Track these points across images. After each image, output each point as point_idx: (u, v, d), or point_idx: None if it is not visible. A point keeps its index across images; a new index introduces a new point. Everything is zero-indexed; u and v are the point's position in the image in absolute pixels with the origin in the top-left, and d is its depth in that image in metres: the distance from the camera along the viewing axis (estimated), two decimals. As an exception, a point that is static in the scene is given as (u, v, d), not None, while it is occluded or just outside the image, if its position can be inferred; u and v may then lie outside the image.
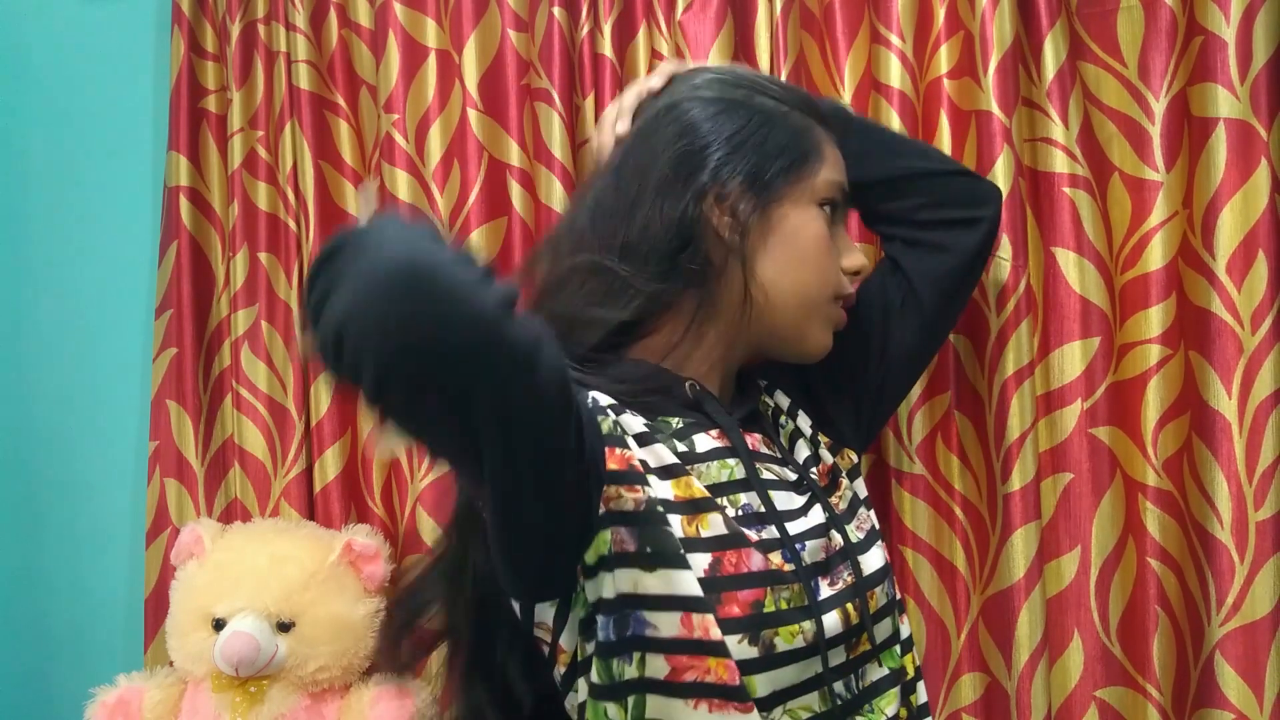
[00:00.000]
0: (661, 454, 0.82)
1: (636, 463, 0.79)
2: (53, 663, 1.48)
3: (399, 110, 1.31)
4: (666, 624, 0.77)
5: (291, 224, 1.36)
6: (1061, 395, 1.20)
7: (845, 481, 0.97)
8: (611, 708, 0.78)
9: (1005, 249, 1.16)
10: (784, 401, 1.00)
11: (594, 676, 0.79)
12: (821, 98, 1.07)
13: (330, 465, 1.33)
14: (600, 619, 0.78)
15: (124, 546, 1.45)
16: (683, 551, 0.78)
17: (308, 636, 1.20)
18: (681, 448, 0.84)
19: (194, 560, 1.25)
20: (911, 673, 0.93)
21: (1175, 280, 1.17)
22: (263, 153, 1.38)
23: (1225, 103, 1.13)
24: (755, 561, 0.80)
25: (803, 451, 0.95)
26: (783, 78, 1.21)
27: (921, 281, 1.02)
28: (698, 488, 0.81)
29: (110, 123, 1.47)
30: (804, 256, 0.90)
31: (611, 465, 0.78)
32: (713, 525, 0.80)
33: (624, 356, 0.89)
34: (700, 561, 0.78)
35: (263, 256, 1.37)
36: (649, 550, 0.77)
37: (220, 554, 1.24)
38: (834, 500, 0.93)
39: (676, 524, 0.79)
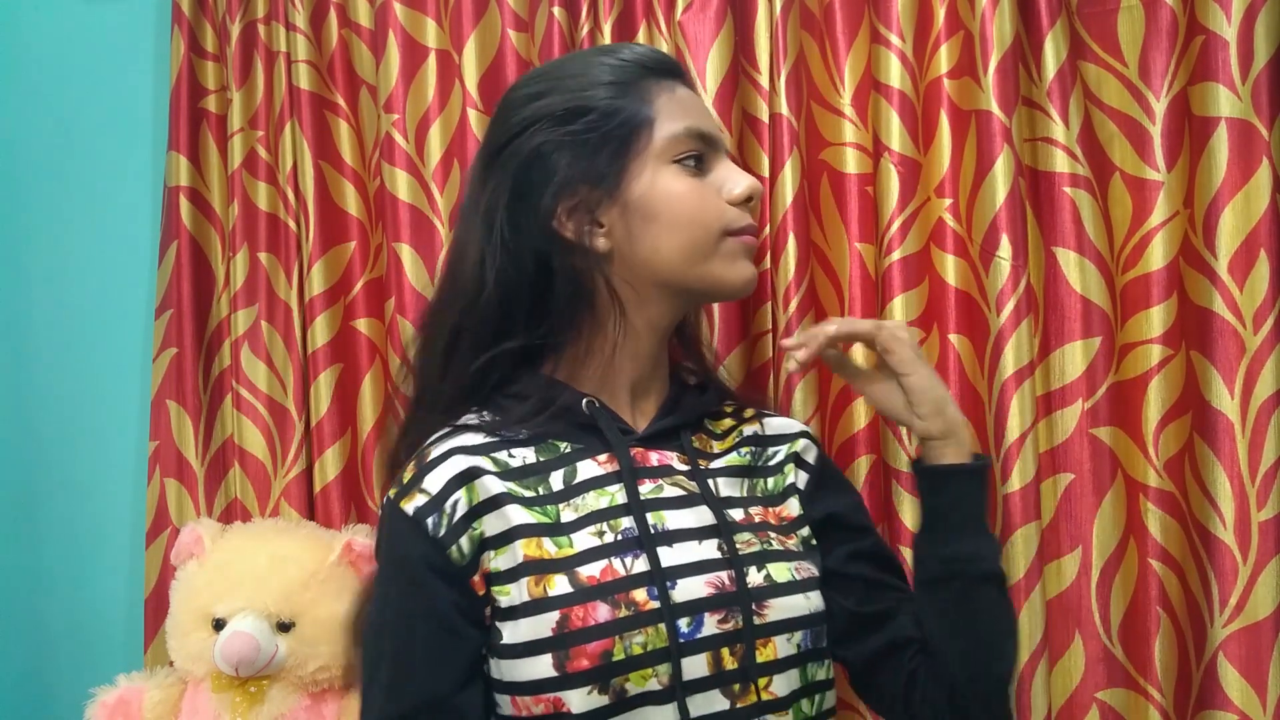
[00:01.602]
0: (511, 515, 0.84)
1: (479, 579, 0.84)
2: (52, 663, 1.48)
3: (399, 110, 1.31)
4: (504, 704, 0.84)
5: (291, 224, 1.36)
6: (1062, 395, 1.19)
7: (806, 530, 0.93)
8: None
9: (1005, 249, 1.16)
10: (770, 444, 0.96)
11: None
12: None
13: (330, 465, 1.33)
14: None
15: (124, 546, 1.45)
16: (510, 641, 0.82)
17: (308, 636, 1.20)
18: (562, 480, 0.86)
19: (194, 560, 1.25)
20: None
21: (1176, 280, 1.17)
22: (263, 153, 1.38)
23: (1226, 102, 1.12)
24: (601, 613, 0.81)
25: (727, 484, 0.91)
26: (782, 78, 1.21)
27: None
28: (546, 549, 0.83)
29: (110, 123, 1.48)
30: (672, 220, 0.87)
31: (478, 591, 0.84)
32: (558, 585, 0.81)
33: (535, 372, 0.90)
34: (549, 620, 0.81)
35: (263, 256, 1.37)
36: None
37: (220, 554, 1.24)
38: (775, 539, 0.89)
39: (524, 586, 0.82)
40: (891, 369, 0.90)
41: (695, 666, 0.81)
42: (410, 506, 0.84)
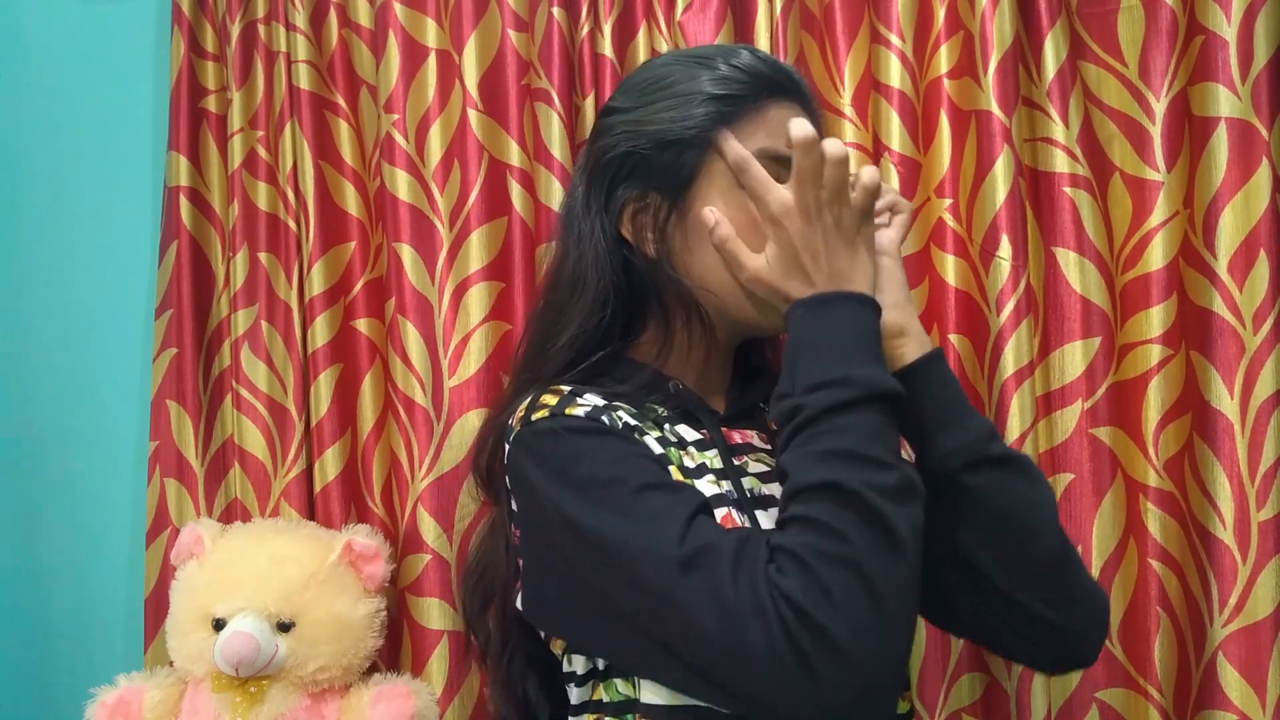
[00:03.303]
0: (651, 444, 0.85)
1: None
2: (52, 663, 1.47)
3: (399, 110, 1.31)
4: None
5: (291, 224, 1.36)
6: (1062, 395, 1.19)
7: None
8: (600, 687, 0.83)
9: (1005, 249, 1.16)
10: None
11: (601, 694, 0.83)
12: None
13: (330, 465, 1.33)
14: None
15: (124, 546, 1.45)
16: None
17: (308, 636, 1.20)
18: (668, 435, 0.87)
19: (194, 560, 1.25)
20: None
21: (1176, 280, 1.17)
22: (263, 153, 1.38)
23: (1226, 102, 1.13)
24: (738, 521, 0.83)
25: None
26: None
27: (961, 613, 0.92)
28: (677, 470, 0.84)
29: (110, 123, 1.47)
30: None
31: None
32: (701, 489, 0.83)
33: (624, 356, 0.93)
34: None
35: (263, 256, 1.37)
36: None
37: (220, 554, 1.24)
38: None
39: None
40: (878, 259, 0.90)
41: None
42: (579, 411, 0.84)
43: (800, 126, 0.81)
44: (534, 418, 0.85)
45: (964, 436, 0.86)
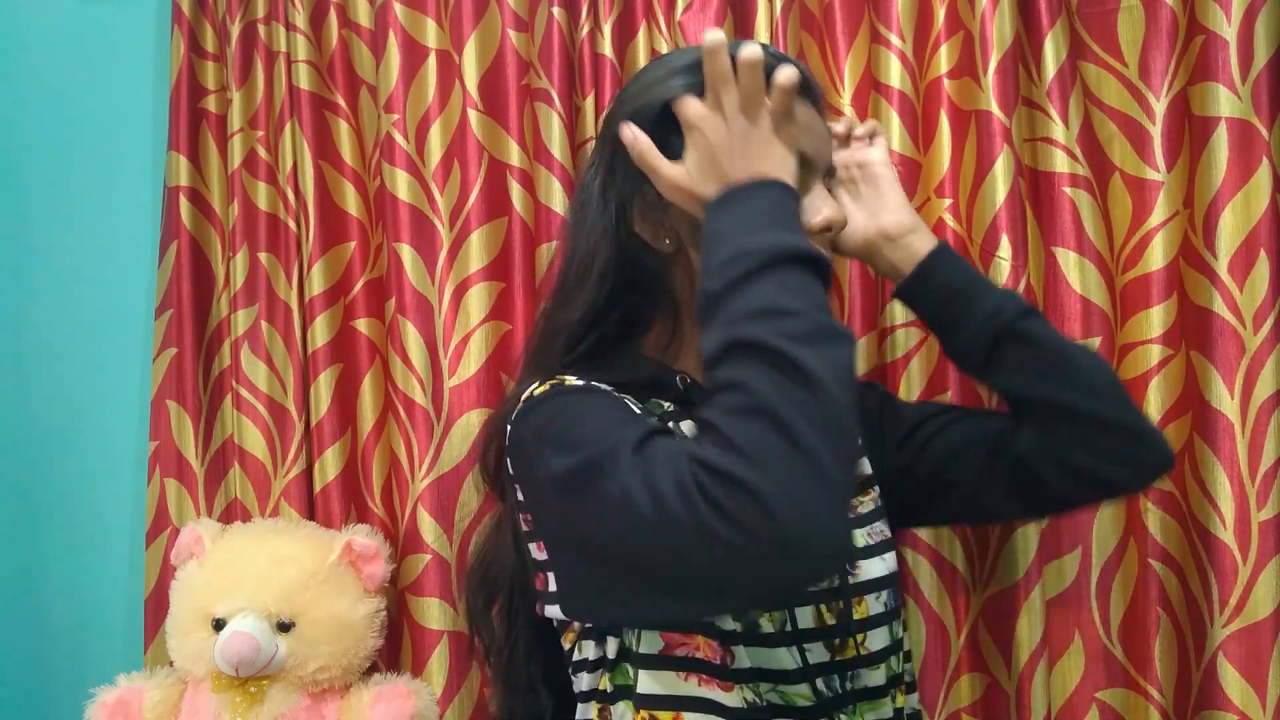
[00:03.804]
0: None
1: None
2: (52, 662, 1.48)
3: (399, 110, 1.31)
4: None
5: (291, 224, 1.36)
6: (1062, 395, 1.19)
7: (874, 491, 0.97)
8: (606, 676, 0.85)
9: (1005, 249, 1.16)
10: None
11: (606, 684, 0.85)
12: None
13: (330, 465, 1.33)
14: None
15: (124, 546, 1.45)
16: None
17: (308, 636, 1.20)
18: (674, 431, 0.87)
19: (194, 560, 1.25)
20: (906, 683, 0.93)
21: (1176, 280, 1.17)
22: (263, 153, 1.38)
23: (1226, 102, 1.12)
24: None
25: None
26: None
27: (1041, 492, 0.95)
28: None
29: (110, 123, 1.47)
30: None
31: None
32: None
33: (631, 350, 0.93)
34: None
35: (263, 256, 1.37)
36: None
37: (220, 554, 1.24)
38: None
39: None
40: (871, 172, 0.98)
41: (803, 617, 0.85)
42: (579, 380, 0.85)
43: (711, 35, 0.81)
44: (536, 393, 0.86)
45: (1002, 295, 0.95)
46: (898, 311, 1.20)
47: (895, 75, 1.20)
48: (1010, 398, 0.96)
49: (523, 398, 0.87)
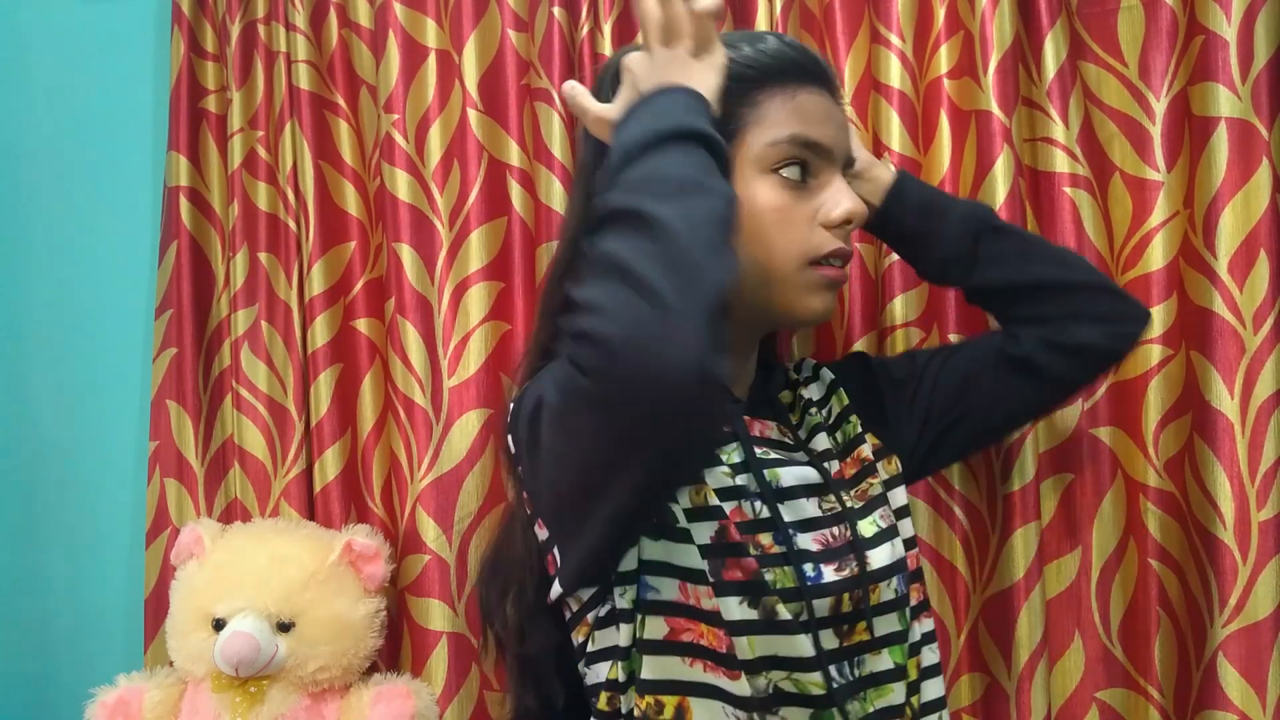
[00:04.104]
0: None
1: None
2: (53, 663, 1.48)
3: (399, 110, 1.31)
4: (667, 588, 0.84)
5: (291, 224, 1.36)
6: (1062, 395, 1.19)
7: (876, 479, 0.97)
8: (618, 666, 0.84)
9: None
10: (816, 394, 1.01)
11: (618, 673, 0.85)
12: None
13: (330, 465, 1.33)
14: (617, 589, 0.85)
15: (124, 547, 1.45)
16: (683, 524, 0.83)
17: (308, 636, 1.20)
18: None
19: (194, 560, 1.25)
20: (915, 675, 0.92)
21: (1176, 280, 1.17)
22: (263, 153, 1.38)
23: (1226, 102, 1.12)
24: (748, 514, 0.85)
25: (821, 444, 0.96)
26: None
27: (1049, 380, 1.01)
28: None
29: (110, 123, 1.47)
30: (750, 235, 0.85)
31: None
32: (713, 500, 0.84)
33: None
34: (706, 529, 0.83)
35: (263, 256, 1.37)
36: (654, 521, 0.83)
37: (220, 554, 1.24)
38: (853, 493, 0.94)
39: (684, 494, 0.84)
40: None
41: (819, 608, 0.85)
42: None
43: None
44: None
45: (967, 202, 1.03)
46: (898, 311, 1.20)
47: (895, 75, 1.20)
48: (998, 290, 1.02)
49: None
